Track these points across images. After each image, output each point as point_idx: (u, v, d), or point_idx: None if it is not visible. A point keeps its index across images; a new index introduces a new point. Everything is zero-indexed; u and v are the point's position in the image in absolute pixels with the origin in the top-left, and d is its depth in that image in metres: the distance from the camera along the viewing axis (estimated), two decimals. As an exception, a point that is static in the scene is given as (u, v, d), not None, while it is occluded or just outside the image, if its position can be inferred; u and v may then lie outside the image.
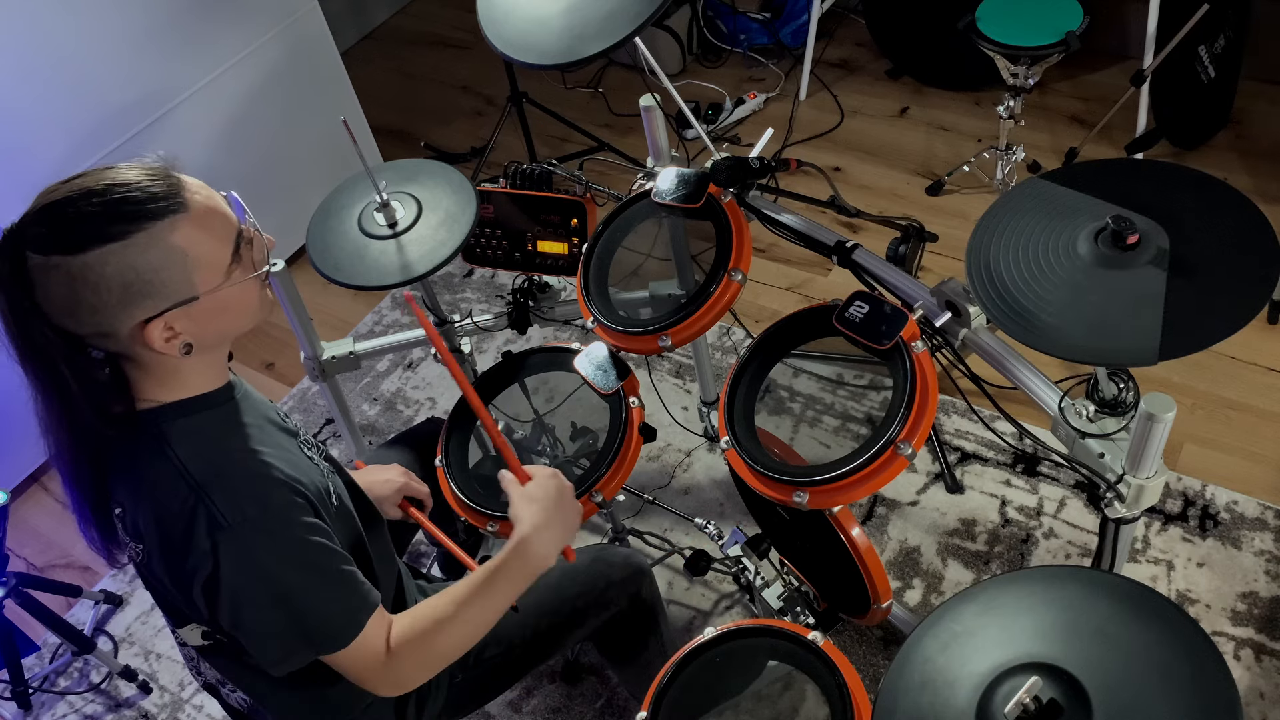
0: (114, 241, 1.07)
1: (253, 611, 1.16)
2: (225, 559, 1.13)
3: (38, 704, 2.27)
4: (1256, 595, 1.98)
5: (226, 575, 1.13)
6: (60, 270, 1.07)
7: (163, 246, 1.10)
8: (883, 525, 2.21)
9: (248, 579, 1.14)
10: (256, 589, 1.15)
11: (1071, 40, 2.17)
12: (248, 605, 1.16)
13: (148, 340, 1.12)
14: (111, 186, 1.09)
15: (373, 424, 2.69)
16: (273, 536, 1.16)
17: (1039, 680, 0.98)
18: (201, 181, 1.17)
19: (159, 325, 1.11)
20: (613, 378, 1.69)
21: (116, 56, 2.50)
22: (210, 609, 1.17)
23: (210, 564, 1.13)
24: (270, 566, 1.15)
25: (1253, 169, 2.76)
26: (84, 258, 1.06)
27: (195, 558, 1.13)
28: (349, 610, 1.22)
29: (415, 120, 3.67)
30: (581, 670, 2.07)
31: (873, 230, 2.82)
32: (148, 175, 1.12)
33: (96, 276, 1.07)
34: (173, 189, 1.12)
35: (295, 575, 1.17)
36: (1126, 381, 1.39)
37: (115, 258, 1.07)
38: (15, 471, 2.69)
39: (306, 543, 1.18)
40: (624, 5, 1.65)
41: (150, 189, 1.10)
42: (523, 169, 1.98)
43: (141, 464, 1.17)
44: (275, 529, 1.16)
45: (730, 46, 3.58)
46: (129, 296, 1.09)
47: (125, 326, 1.11)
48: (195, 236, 1.12)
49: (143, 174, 1.12)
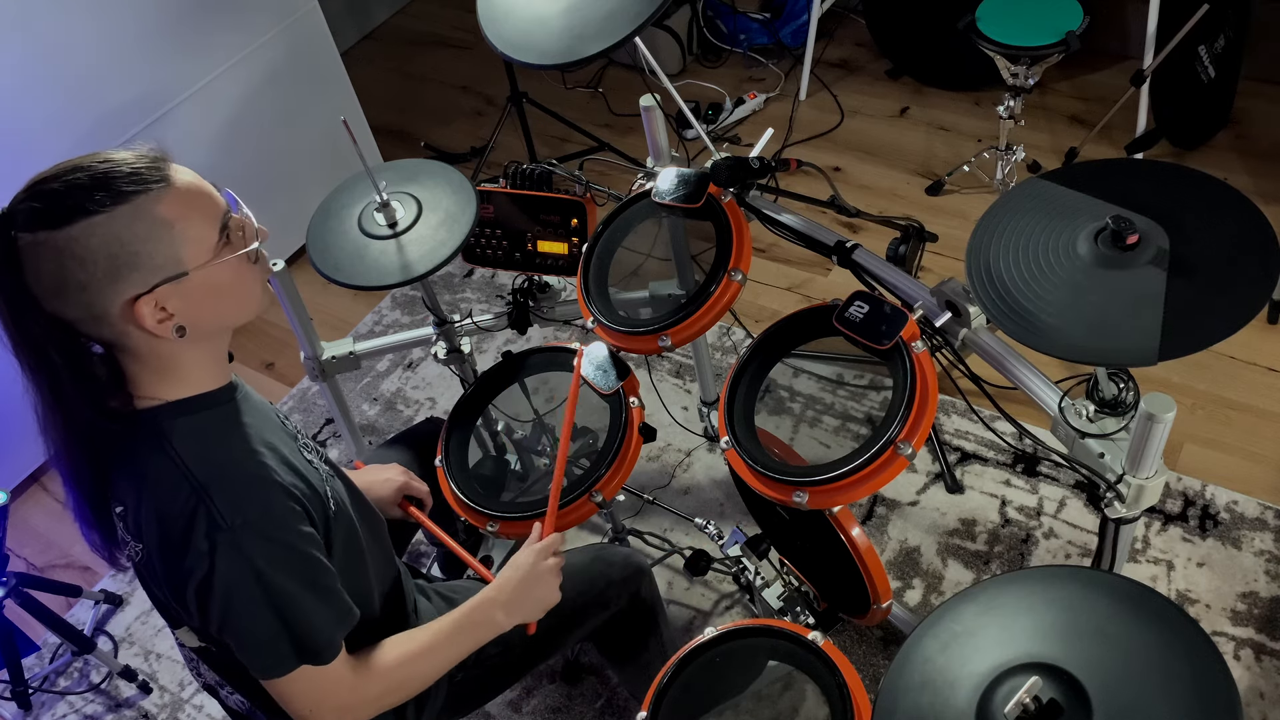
0: (98, 214, 1.07)
1: (244, 615, 1.15)
2: (221, 560, 1.12)
3: (38, 704, 2.27)
4: (1256, 595, 1.98)
5: (221, 577, 1.13)
6: (47, 246, 1.07)
7: (148, 218, 1.10)
8: (883, 525, 2.21)
9: (242, 582, 1.14)
10: (250, 592, 1.14)
11: (1071, 40, 2.17)
12: (240, 608, 1.15)
13: (139, 319, 1.11)
14: (97, 163, 1.11)
15: (373, 424, 2.69)
16: (270, 542, 1.15)
17: (1039, 680, 0.98)
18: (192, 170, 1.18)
19: (149, 303, 1.11)
20: (613, 378, 1.69)
21: (116, 56, 2.50)
22: (202, 611, 1.16)
23: (206, 565, 1.13)
24: (265, 571, 1.14)
25: (1253, 169, 2.76)
26: (69, 230, 1.06)
27: (192, 558, 1.13)
28: (333, 628, 1.22)
29: (415, 120, 3.67)
30: (581, 670, 2.07)
31: (873, 230, 2.82)
32: (134, 154, 1.13)
33: (83, 249, 1.07)
34: (158, 165, 1.13)
35: (289, 583, 1.16)
36: (1126, 381, 1.39)
37: (101, 229, 1.07)
38: (15, 471, 2.69)
39: (303, 553, 1.18)
40: (624, 5, 1.65)
41: (135, 164, 1.11)
42: (523, 169, 1.98)
43: (143, 462, 1.17)
44: (273, 534, 1.16)
45: (730, 46, 3.58)
46: (116, 270, 1.09)
47: (115, 304, 1.10)
48: (181, 210, 1.12)
49: (129, 154, 1.13)
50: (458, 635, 1.37)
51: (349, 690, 1.26)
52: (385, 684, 1.30)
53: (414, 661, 1.34)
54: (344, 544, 1.28)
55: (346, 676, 1.25)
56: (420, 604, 1.52)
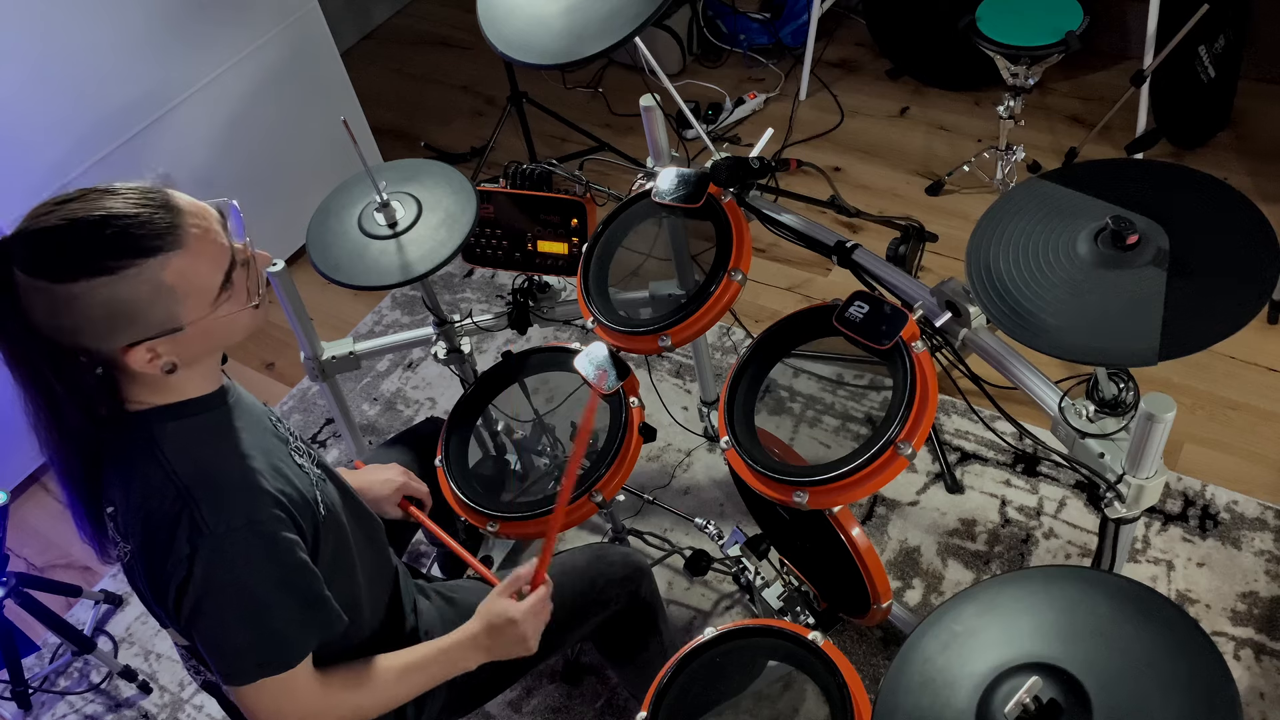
0: (102, 275, 1.06)
1: (214, 621, 1.15)
2: (199, 566, 1.12)
3: (38, 704, 2.27)
4: (1256, 595, 1.98)
5: (196, 582, 1.12)
6: (45, 294, 1.06)
7: (153, 283, 1.08)
8: (883, 525, 2.21)
9: (216, 588, 1.13)
10: (222, 599, 1.14)
11: (1071, 40, 2.17)
12: (211, 614, 1.14)
13: (129, 363, 1.12)
14: (106, 218, 1.07)
15: (373, 424, 2.69)
16: (251, 549, 1.14)
17: (1039, 680, 0.98)
18: (199, 203, 1.15)
19: (141, 350, 1.11)
20: (613, 378, 1.69)
21: (116, 56, 2.50)
22: (178, 614, 1.16)
23: (184, 569, 1.12)
24: (242, 579, 1.14)
25: (1253, 169, 2.76)
26: (71, 287, 1.05)
27: (173, 562, 1.13)
28: (306, 638, 1.21)
29: (415, 120, 3.67)
30: (581, 670, 2.07)
31: (873, 230, 2.82)
32: (144, 204, 1.09)
33: (83, 305, 1.06)
34: (168, 223, 1.09)
35: (265, 592, 1.16)
36: (1126, 381, 1.39)
37: (103, 290, 1.06)
38: (15, 471, 2.69)
39: (285, 561, 1.17)
40: (624, 5, 1.65)
41: (144, 221, 1.08)
42: (523, 169, 1.98)
43: (132, 465, 1.17)
44: (255, 542, 1.15)
45: (730, 46, 3.58)
46: (114, 325, 1.08)
47: (108, 348, 1.10)
48: (187, 271, 1.10)
49: (139, 203, 1.09)
50: (436, 667, 1.36)
51: (314, 703, 1.24)
52: (355, 701, 1.29)
53: (389, 684, 1.32)
54: (333, 549, 1.28)
55: (314, 690, 1.24)
56: (420, 604, 1.52)
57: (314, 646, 1.23)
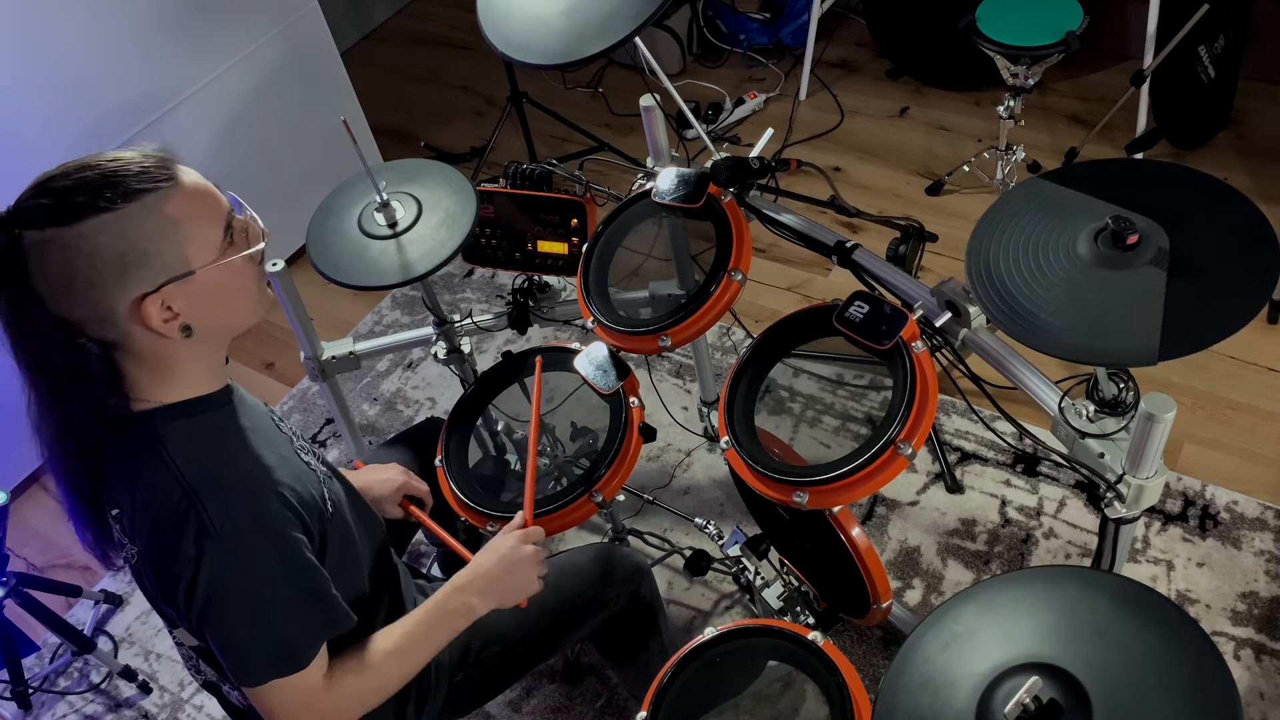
0: (107, 211, 1.08)
1: (224, 621, 1.15)
2: (206, 565, 1.12)
3: (38, 704, 2.27)
4: (1256, 595, 1.98)
5: (204, 581, 1.12)
6: (55, 243, 1.07)
7: (156, 216, 1.10)
8: (883, 525, 2.21)
9: (224, 588, 1.13)
10: (231, 599, 1.14)
11: (1071, 40, 2.17)
12: (220, 614, 1.14)
13: (145, 318, 1.12)
14: (105, 161, 1.11)
15: (373, 424, 2.69)
16: (258, 548, 1.15)
17: (1039, 680, 0.98)
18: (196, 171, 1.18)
19: (156, 302, 1.11)
20: (613, 378, 1.69)
21: (116, 56, 2.50)
22: (188, 614, 1.16)
23: (192, 569, 1.12)
24: (250, 578, 1.14)
25: (1253, 169, 2.76)
26: (78, 228, 1.07)
27: (180, 562, 1.13)
28: (316, 636, 1.22)
29: (415, 120, 3.67)
30: (581, 670, 2.07)
31: (873, 230, 2.82)
32: (140, 154, 1.14)
33: (91, 247, 1.07)
34: (164, 164, 1.14)
35: (274, 591, 1.16)
36: (1126, 381, 1.39)
37: (109, 228, 1.08)
38: (15, 471, 2.69)
39: (292, 560, 1.18)
40: (624, 5, 1.65)
41: (143, 163, 1.12)
42: (523, 169, 1.98)
43: (138, 465, 1.17)
44: (262, 541, 1.15)
45: (730, 46, 3.58)
46: (124, 268, 1.09)
47: (122, 303, 1.10)
48: (188, 210, 1.13)
49: (136, 153, 1.14)
50: (434, 627, 1.35)
51: (328, 696, 1.24)
52: (365, 687, 1.29)
53: (391, 660, 1.32)
54: (339, 547, 1.28)
55: (326, 689, 1.24)
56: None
57: (325, 641, 1.23)
